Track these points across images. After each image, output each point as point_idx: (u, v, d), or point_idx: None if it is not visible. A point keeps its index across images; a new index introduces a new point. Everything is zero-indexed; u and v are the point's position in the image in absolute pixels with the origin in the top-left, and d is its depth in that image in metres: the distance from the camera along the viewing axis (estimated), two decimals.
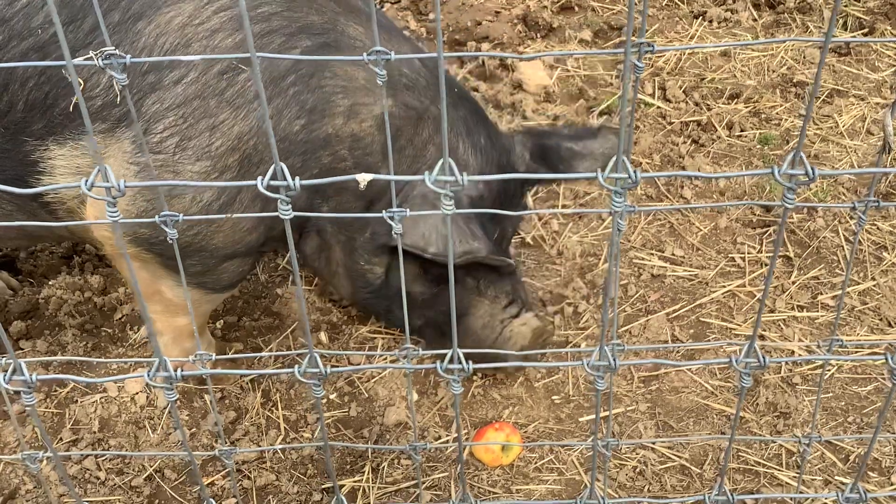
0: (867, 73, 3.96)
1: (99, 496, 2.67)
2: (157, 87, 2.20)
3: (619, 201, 0.99)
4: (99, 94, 2.22)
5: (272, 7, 2.28)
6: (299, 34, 2.28)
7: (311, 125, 2.29)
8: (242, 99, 2.21)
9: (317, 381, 1.15)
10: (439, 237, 2.34)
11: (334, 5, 2.38)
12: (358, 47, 2.35)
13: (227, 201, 2.31)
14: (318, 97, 2.29)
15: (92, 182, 0.97)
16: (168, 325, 2.73)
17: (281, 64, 2.23)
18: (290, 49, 2.26)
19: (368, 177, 0.98)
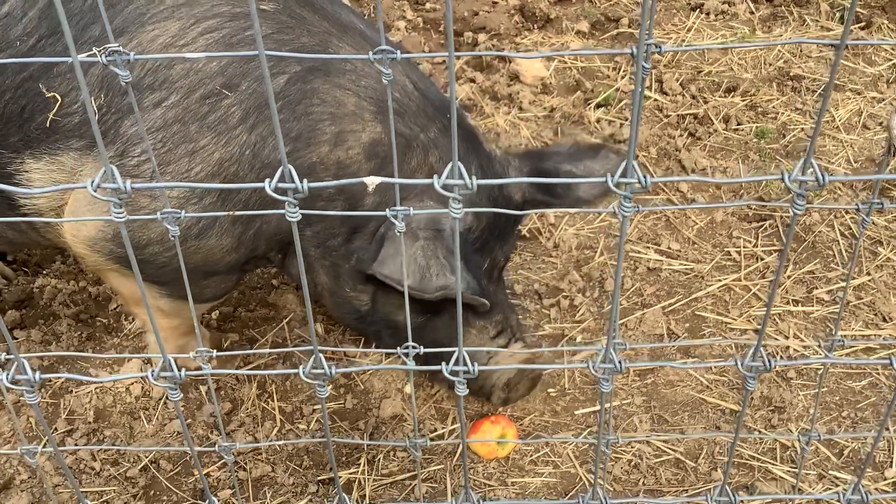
0: (864, 67, 3.96)
1: (94, 487, 2.66)
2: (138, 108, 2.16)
3: (628, 205, 0.99)
4: (76, 111, 2.18)
5: (262, 30, 2.22)
6: (288, 59, 2.23)
7: (296, 153, 2.23)
8: (225, 125, 2.16)
9: (321, 382, 1.14)
10: (417, 269, 2.25)
11: (327, 25, 2.32)
12: (349, 70, 2.29)
13: (205, 226, 2.27)
14: (304, 125, 2.23)
15: (98, 183, 0.96)
16: (160, 325, 2.72)
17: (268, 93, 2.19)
18: (277, 75, 2.20)
19: (377, 180, 0.97)
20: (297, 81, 2.22)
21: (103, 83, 2.16)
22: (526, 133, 3.67)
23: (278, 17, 2.25)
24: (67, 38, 0.92)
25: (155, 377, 1.10)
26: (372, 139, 2.29)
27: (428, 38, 4.22)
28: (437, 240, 2.26)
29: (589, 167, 2.50)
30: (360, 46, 2.33)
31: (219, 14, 2.19)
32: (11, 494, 2.60)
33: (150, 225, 2.22)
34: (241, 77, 2.17)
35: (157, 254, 2.31)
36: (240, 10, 2.20)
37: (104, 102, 2.16)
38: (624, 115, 3.78)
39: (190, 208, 2.22)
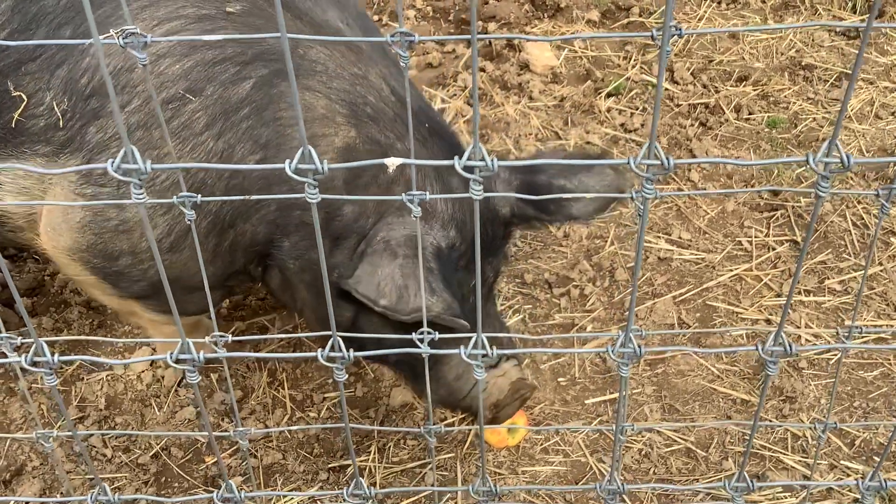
0: (876, 56, 3.94)
1: (105, 473, 2.67)
2: (100, 113, 2.09)
3: (650, 188, 0.98)
4: (42, 113, 2.11)
5: (227, 32, 2.14)
6: (254, 62, 2.14)
7: (267, 161, 2.15)
8: (189, 131, 2.09)
9: (339, 366, 1.14)
10: (394, 289, 2.11)
11: (300, 25, 2.22)
12: (319, 71, 2.18)
13: (177, 239, 2.20)
14: (272, 130, 2.14)
15: (118, 164, 0.95)
16: (158, 332, 2.69)
17: (234, 96, 2.10)
18: (242, 80, 2.12)
19: (397, 161, 0.97)
20: (264, 86, 2.14)
21: (67, 87, 2.10)
22: (536, 123, 3.66)
23: (244, 20, 2.16)
24: (90, 21, 0.91)
25: (174, 359, 1.10)
26: (346, 144, 2.18)
27: (438, 28, 4.20)
28: (416, 259, 2.12)
29: (584, 182, 2.30)
30: (332, 45, 2.22)
31: (183, 16, 2.12)
32: (23, 480, 2.61)
33: (120, 237, 2.16)
34: (206, 81, 2.09)
35: (129, 266, 2.26)
36: (205, 12, 2.13)
37: (68, 107, 2.10)
38: (634, 104, 3.76)
39: (159, 219, 2.15)
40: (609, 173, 2.33)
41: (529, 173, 2.31)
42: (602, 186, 2.30)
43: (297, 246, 2.28)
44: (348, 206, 2.20)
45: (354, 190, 2.18)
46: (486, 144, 3.58)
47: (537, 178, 2.31)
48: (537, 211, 2.33)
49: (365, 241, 2.20)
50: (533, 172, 2.31)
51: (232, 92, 2.10)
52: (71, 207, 2.16)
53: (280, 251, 2.29)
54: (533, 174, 2.31)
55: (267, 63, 2.14)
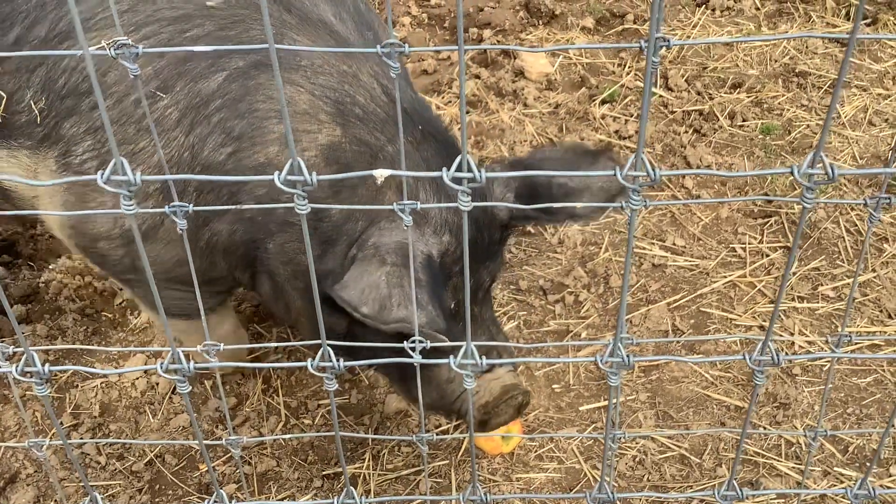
0: (869, 63, 3.96)
1: (99, 481, 2.67)
2: (74, 111, 2.13)
3: (637, 198, 0.99)
4: (23, 110, 2.16)
5: (204, 28, 2.11)
6: (228, 55, 2.10)
7: (240, 153, 2.10)
8: (161, 127, 2.09)
9: (329, 376, 1.14)
10: (377, 298, 2.03)
11: (287, 16, 2.16)
12: (303, 65, 2.12)
13: (149, 230, 2.21)
14: (247, 123, 2.09)
15: (108, 175, 0.96)
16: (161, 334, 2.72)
17: (205, 89, 2.08)
18: (214, 72, 2.08)
19: (386, 172, 0.97)
20: (239, 78, 2.10)
21: (45, 87, 2.14)
22: (531, 129, 3.67)
23: (225, 13, 2.13)
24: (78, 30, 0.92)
25: (164, 369, 1.10)
26: (330, 142, 2.12)
27: (433, 35, 4.22)
28: (405, 267, 2.04)
29: (585, 178, 2.24)
30: (322, 42, 2.17)
31: (159, 19, 2.10)
32: (17, 488, 2.61)
33: (96, 218, 2.20)
34: (177, 78, 2.08)
35: (109, 250, 2.29)
36: (181, 12, 2.10)
37: (45, 105, 2.14)
38: (629, 111, 3.77)
39: None
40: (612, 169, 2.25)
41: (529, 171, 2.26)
42: (605, 182, 2.24)
43: (285, 249, 2.21)
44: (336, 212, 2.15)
45: (341, 191, 2.13)
46: (482, 151, 3.59)
47: (538, 179, 2.25)
48: (538, 211, 2.25)
49: (356, 245, 2.13)
50: (532, 169, 2.27)
51: (203, 85, 2.08)
52: (55, 189, 2.24)
53: (266, 254, 2.24)
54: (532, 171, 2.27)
55: (244, 55, 2.10)
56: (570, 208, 2.24)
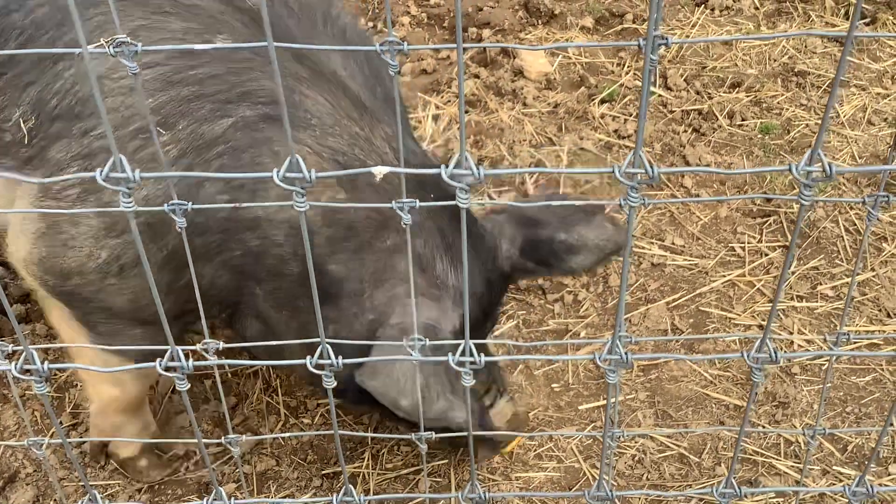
0: (868, 62, 3.96)
1: (99, 480, 2.67)
2: (63, 135, 2.03)
3: (635, 196, 0.99)
4: (9, 129, 2.07)
5: (210, 68, 2.01)
6: (238, 101, 2.00)
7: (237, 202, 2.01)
8: (156, 163, 1.97)
9: (328, 374, 1.15)
10: (416, 389, 1.95)
11: (300, 69, 2.07)
12: (313, 125, 2.03)
13: (127, 264, 2.09)
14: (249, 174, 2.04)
15: (107, 173, 0.96)
16: (94, 392, 2.55)
17: (208, 133, 1.99)
18: (220, 118, 2.00)
19: (385, 170, 0.97)
20: (245, 128, 2.02)
21: (36, 107, 2.04)
22: (530, 129, 3.67)
23: (231, 55, 2.04)
24: (77, 29, 0.92)
25: (163, 367, 1.10)
26: None
27: (432, 34, 4.22)
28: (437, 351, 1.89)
29: (582, 235, 2.32)
30: (334, 99, 2.08)
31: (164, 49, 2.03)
32: (17, 488, 2.61)
33: (69, 253, 2.08)
34: (179, 116, 1.99)
35: (79, 286, 2.15)
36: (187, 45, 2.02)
37: (34, 126, 2.05)
38: (628, 110, 3.77)
39: (110, 240, 2.05)
40: (608, 227, 2.34)
41: (532, 228, 2.32)
42: (601, 240, 2.32)
43: (276, 295, 2.14)
44: (333, 264, 2.08)
45: (341, 251, 2.06)
46: (481, 150, 3.59)
47: (539, 233, 2.32)
48: (536, 265, 2.34)
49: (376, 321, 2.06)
50: (535, 227, 2.32)
51: (206, 128, 1.99)
52: (29, 218, 2.11)
53: (253, 299, 2.16)
54: (535, 229, 2.32)
55: (253, 105, 2.01)
56: (567, 262, 2.32)
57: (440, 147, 3.62)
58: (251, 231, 2.06)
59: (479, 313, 2.27)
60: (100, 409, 2.55)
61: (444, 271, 2.15)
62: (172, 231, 2.03)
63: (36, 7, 2.06)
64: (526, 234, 2.33)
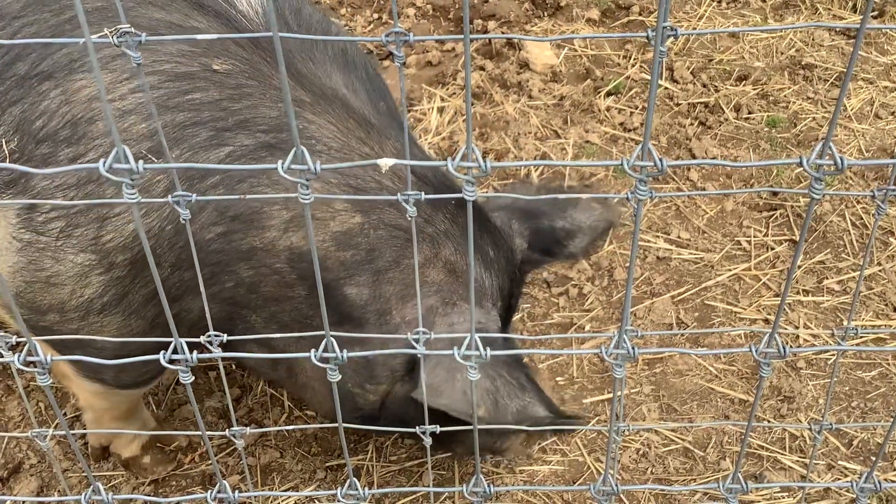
0: (876, 56, 3.94)
1: (102, 471, 2.67)
2: (50, 160, 1.90)
3: (644, 189, 0.98)
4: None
5: (208, 94, 1.93)
6: (235, 129, 1.93)
7: (232, 234, 1.95)
8: (146, 194, 1.88)
9: (332, 367, 1.14)
10: (486, 395, 1.95)
11: (301, 94, 2.01)
12: (318, 151, 1.96)
13: (110, 302, 2.01)
14: (245, 205, 1.94)
15: (110, 164, 0.95)
16: (87, 403, 2.51)
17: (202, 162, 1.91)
18: (216, 146, 1.92)
19: (390, 162, 0.96)
20: (243, 157, 1.94)
21: (19, 126, 1.93)
22: (535, 121, 3.66)
23: (232, 81, 1.97)
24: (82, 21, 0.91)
25: (166, 360, 1.10)
26: (346, 229, 1.99)
27: (437, 26, 4.20)
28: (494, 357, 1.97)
29: (576, 219, 2.38)
30: (338, 121, 2.02)
31: (158, 71, 1.93)
32: (21, 478, 2.61)
33: (51, 290, 1.99)
34: (174, 143, 1.90)
35: (57, 323, 2.05)
36: (184, 69, 1.94)
37: (16, 147, 1.93)
38: (634, 103, 3.76)
39: (94, 278, 1.97)
40: (596, 207, 2.38)
41: (534, 219, 2.36)
42: (592, 222, 2.37)
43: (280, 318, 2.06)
44: (351, 287, 2.02)
45: (360, 273, 2.01)
46: (486, 143, 3.58)
47: (541, 222, 2.36)
48: (542, 255, 2.37)
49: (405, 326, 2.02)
50: (536, 218, 2.36)
51: (201, 157, 1.92)
52: (5, 249, 1.99)
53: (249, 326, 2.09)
54: (536, 220, 2.36)
55: (252, 134, 1.94)
56: (567, 248, 2.37)
57: (445, 139, 3.61)
58: (245, 262, 1.99)
59: (504, 311, 2.25)
60: (95, 418, 2.54)
61: (478, 274, 2.13)
62: (158, 267, 1.95)
63: (23, 27, 1.97)
64: (530, 225, 2.35)
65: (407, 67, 3.92)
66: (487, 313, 2.13)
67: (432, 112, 3.72)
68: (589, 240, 2.39)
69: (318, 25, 2.29)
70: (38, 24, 1.98)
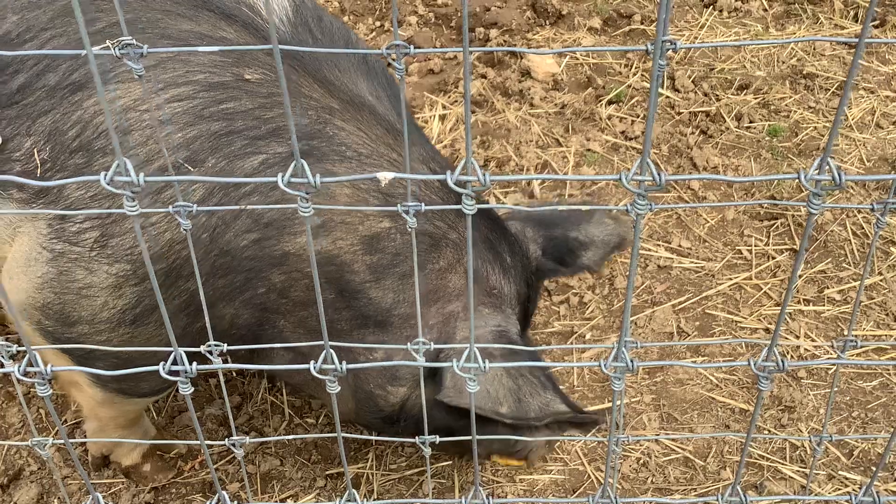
0: (878, 65, 3.94)
1: (102, 478, 2.67)
2: (84, 171, 1.90)
3: (643, 203, 0.98)
4: (19, 158, 1.95)
5: (241, 103, 1.96)
6: (268, 138, 1.95)
7: (265, 241, 1.97)
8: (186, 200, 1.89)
9: (332, 378, 1.14)
10: (508, 394, 2.00)
11: (331, 101, 2.03)
12: (349, 157, 1.99)
13: (143, 312, 2.01)
14: (279, 212, 1.96)
15: (111, 176, 0.96)
16: (91, 413, 2.50)
17: (238, 171, 1.93)
18: (251, 154, 1.94)
19: (389, 175, 0.97)
20: (276, 165, 1.96)
21: (51, 136, 1.93)
22: (537, 130, 3.67)
23: (264, 90, 1.99)
24: (82, 31, 0.92)
25: (166, 371, 1.10)
26: (374, 233, 2.02)
27: (440, 34, 4.21)
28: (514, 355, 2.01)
29: (589, 232, 2.45)
30: (367, 128, 2.05)
31: (192, 81, 1.95)
32: (21, 486, 2.61)
33: (82, 302, 1.99)
34: (209, 153, 1.92)
35: (85, 335, 2.05)
36: (217, 79, 1.95)
37: (48, 157, 1.93)
38: (635, 111, 3.76)
39: (128, 289, 1.97)
40: (608, 223, 2.46)
41: (548, 228, 2.43)
42: (605, 235, 2.45)
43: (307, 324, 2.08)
44: (376, 291, 2.04)
45: (387, 276, 2.04)
46: (487, 151, 3.59)
47: (555, 232, 2.43)
48: (556, 264, 2.43)
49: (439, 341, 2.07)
50: (550, 227, 2.43)
51: (236, 166, 1.94)
52: (35, 259, 1.98)
53: (277, 332, 2.11)
54: (551, 229, 2.43)
55: (285, 141, 1.97)
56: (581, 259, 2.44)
57: (446, 147, 3.61)
58: (277, 267, 2.01)
59: (522, 315, 2.29)
60: (98, 427, 2.54)
61: (497, 280, 2.18)
62: (192, 276, 1.97)
63: (52, 38, 1.99)
64: (544, 234, 2.42)
65: (409, 75, 3.93)
66: (507, 318, 2.18)
67: (434, 120, 3.72)
68: (602, 253, 2.45)
69: (339, 34, 2.32)
70: (67, 36, 1.99)
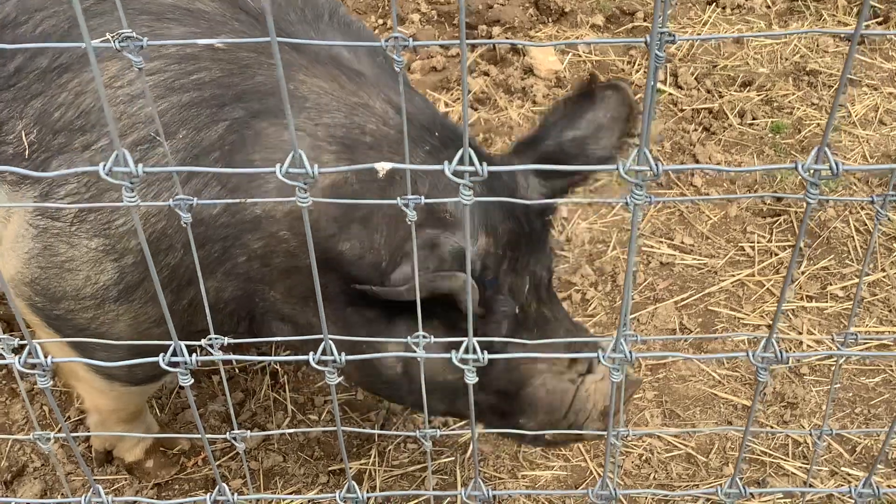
0: (881, 62, 3.93)
1: (105, 475, 2.68)
2: (65, 149, 1.97)
3: (640, 194, 0.99)
4: (12, 141, 2.02)
5: (211, 73, 1.99)
6: (233, 104, 1.98)
7: (234, 206, 1.98)
8: (156, 176, 1.94)
9: (331, 370, 1.14)
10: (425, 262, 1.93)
11: (296, 57, 2.05)
12: (307, 107, 1.98)
13: (126, 288, 2.03)
14: (244, 176, 1.95)
15: (110, 167, 0.96)
16: (93, 405, 2.52)
17: (205, 140, 1.96)
18: (216, 122, 1.97)
19: (388, 165, 0.97)
20: (239, 128, 1.98)
21: (40, 119, 2.00)
22: None
23: (230, 56, 2.02)
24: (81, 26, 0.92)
25: (167, 362, 1.10)
26: (332, 181, 1.98)
27: (442, 32, 4.21)
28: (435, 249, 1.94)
29: (591, 119, 2.14)
30: (331, 78, 2.04)
31: (164, 55, 1.98)
32: (24, 481, 2.62)
33: (65, 276, 2.03)
34: (180, 125, 1.95)
35: (72, 311, 2.08)
36: (189, 51, 1.98)
37: (35, 139, 2.00)
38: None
39: (108, 265, 2.01)
40: (612, 96, 2.16)
41: (537, 145, 2.15)
42: (614, 112, 2.15)
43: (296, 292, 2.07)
44: (345, 242, 1.99)
45: (350, 226, 1.99)
46: (490, 148, 3.59)
47: (546, 148, 2.14)
48: (563, 178, 2.16)
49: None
50: (539, 142, 2.15)
51: (204, 135, 1.96)
52: (22, 236, 2.04)
53: (271, 304, 2.11)
54: (540, 144, 2.15)
55: (246, 104, 1.99)
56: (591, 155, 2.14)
57: None
58: (252, 233, 2.00)
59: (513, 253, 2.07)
60: (100, 421, 2.54)
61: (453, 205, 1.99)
62: (170, 250, 1.99)
63: (44, 19, 2.03)
64: (533, 153, 2.15)
65: (411, 73, 3.93)
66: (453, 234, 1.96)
67: None
68: (618, 133, 2.16)
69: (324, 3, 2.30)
70: (58, 17, 2.04)
